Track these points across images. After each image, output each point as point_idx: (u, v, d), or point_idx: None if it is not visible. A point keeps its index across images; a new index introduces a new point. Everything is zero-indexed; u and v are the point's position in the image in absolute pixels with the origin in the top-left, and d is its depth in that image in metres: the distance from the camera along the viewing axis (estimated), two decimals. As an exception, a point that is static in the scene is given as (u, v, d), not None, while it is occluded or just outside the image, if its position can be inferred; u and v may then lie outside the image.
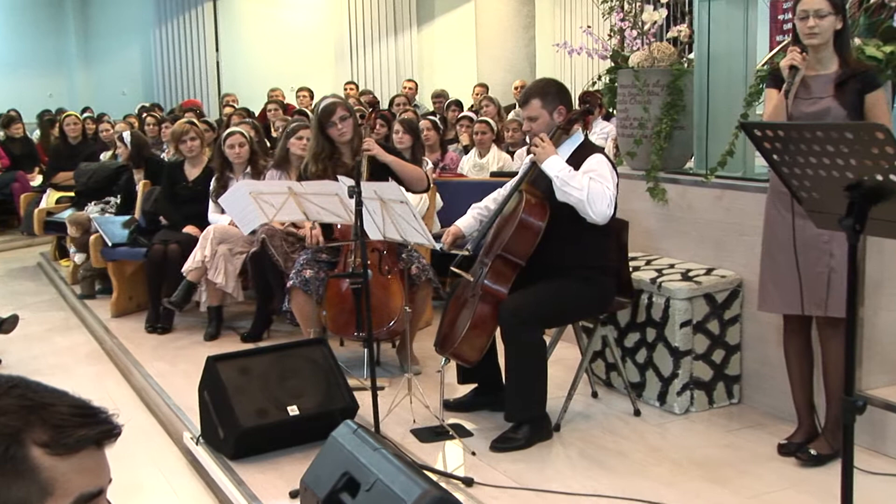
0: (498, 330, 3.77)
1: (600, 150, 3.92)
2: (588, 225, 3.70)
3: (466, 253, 3.84)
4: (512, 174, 5.50)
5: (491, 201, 4.17)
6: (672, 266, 4.39)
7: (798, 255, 3.30)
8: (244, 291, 5.73)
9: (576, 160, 3.79)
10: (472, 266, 3.94)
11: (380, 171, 4.63)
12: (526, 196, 3.75)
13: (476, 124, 7.34)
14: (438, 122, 7.58)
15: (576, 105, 3.96)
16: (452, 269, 3.91)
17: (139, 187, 6.65)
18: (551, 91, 3.87)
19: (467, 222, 4.11)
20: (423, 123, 7.24)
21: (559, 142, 3.86)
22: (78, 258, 6.95)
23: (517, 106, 9.82)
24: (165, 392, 4.58)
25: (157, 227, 6.14)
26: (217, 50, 13.83)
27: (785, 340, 3.62)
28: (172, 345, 5.54)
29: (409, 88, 11.39)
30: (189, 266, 5.47)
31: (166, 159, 6.80)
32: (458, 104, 9.47)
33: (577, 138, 3.90)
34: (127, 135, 7.04)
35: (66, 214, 7.23)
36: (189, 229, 5.87)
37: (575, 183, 3.63)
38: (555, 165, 3.70)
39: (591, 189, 3.61)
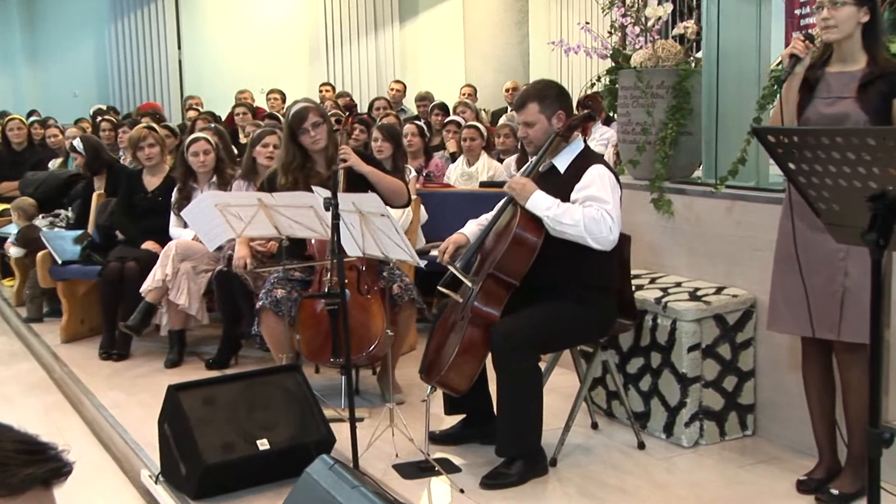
0: (489, 356, 3.76)
1: (601, 159, 3.94)
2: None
3: (456, 271, 3.83)
4: (503, 184, 5.50)
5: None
6: (679, 284, 4.40)
7: (809, 271, 3.29)
8: (209, 313, 5.72)
9: (575, 170, 3.81)
10: (461, 286, 3.93)
11: (358, 182, 4.63)
12: (520, 210, 3.76)
13: (465, 130, 7.35)
14: (424, 127, 7.60)
15: (575, 109, 3.97)
16: (440, 288, 3.91)
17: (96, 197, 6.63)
18: (550, 94, 3.89)
19: (471, 231, 4.07)
20: (407, 128, 7.26)
21: (558, 150, 3.88)
22: (14, 251, 6.86)
23: (509, 109, 9.87)
24: (121, 425, 4.55)
25: (113, 243, 6.12)
26: (179, 48, 13.83)
27: (803, 366, 3.62)
28: (129, 373, 5.51)
29: (397, 90, 11.41)
30: (148, 286, 5.46)
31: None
32: (443, 107, 9.48)
33: (576, 146, 3.92)
34: (78, 142, 7.01)
35: (11, 230, 7.19)
36: (148, 245, 5.87)
37: (567, 219, 3.65)
38: (540, 203, 3.71)
39: (587, 219, 3.63)
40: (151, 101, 12.65)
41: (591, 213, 3.64)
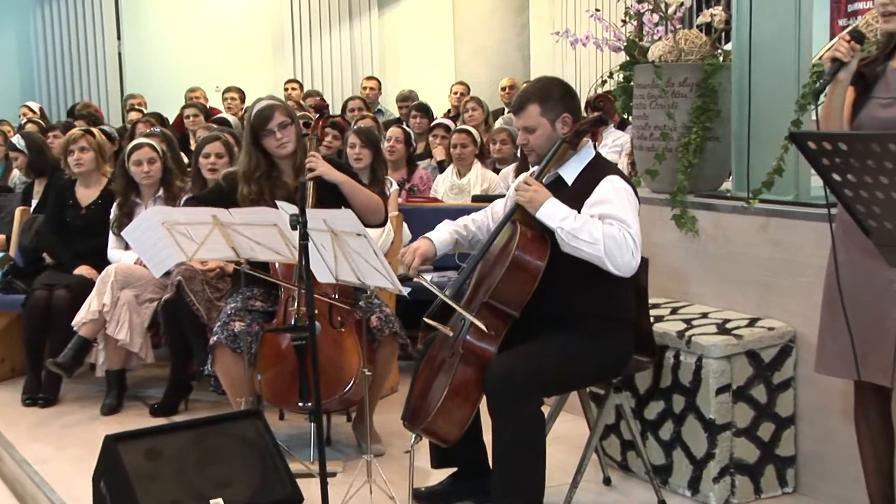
0: (483, 399, 3.76)
1: (616, 169, 3.96)
2: (597, 266, 3.71)
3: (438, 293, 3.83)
4: (500, 198, 5.52)
5: (470, 221, 4.19)
6: (705, 315, 4.41)
7: (857, 304, 3.25)
8: (154, 350, 5.71)
9: (585, 183, 3.82)
10: (450, 317, 3.93)
11: (330, 195, 4.65)
12: (521, 228, 3.76)
13: (455, 135, 7.37)
14: (412, 132, 7.61)
15: (583, 112, 4.00)
16: (426, 320, 3.90)
17: (31, 206, 6.62)
18: (554, 94, 3.90)
19: (441, 237, 4.10)
20: (391, 132, 7.27)
21: (564, 159, 3.89)
22: None
23: (506, 111, 9.90)
24: (48, 483, 4.53)
25: (40, 268, 6.12)
26: (119, 38, 13.83)
27: (856, 413, 3.56)
28: (58, 421, 5.50)
29: (371, 89, 11.44)
30: (82, 318, 5.45)
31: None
32: (423, 109, 9.49)
33: (586, 154, 3.93)
34: (19, 139, 7.01)
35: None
36: (82, 270, 5.86)
37: (585, 235, 3.64)
38: (554, 214, 3.70)
39: (608, 239, 3.62)
40: (86, 101, 12.61)
41: (613, 232, 3.63)
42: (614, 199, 3.73)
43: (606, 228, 3.64)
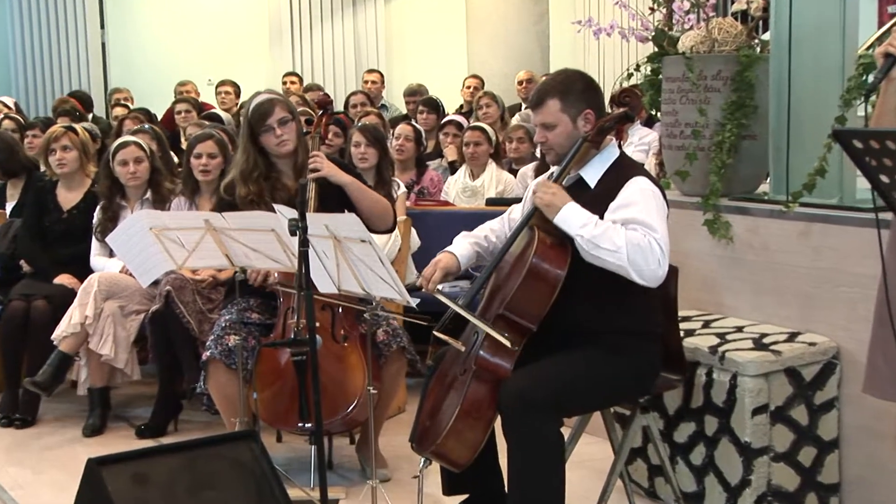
0: (498, 420, 3.76)
1: (643, 170, 3.96)
2: (622, 276, 3.70)
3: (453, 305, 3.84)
4: (516, 201, 5.52)
5: (489, 230, 4.20)
6: (740, 329, 4.42)
7: None
8: (141, 366, 5.72)
9: (609, 184, 3.81)
10: (462, 331, 3.92)
11: (333, 199, 4.67)
12: (539, 234, 3.76)
13: (467, 133, 7.37)
14: (422, 130, 7.61)
15: (608, 108, 3.98)
16: (436, 333, 3.90)
17: (7, 210, 6.63)
18: (575, 88, 3.91)
19: (464, 250, 4.10)
20: (400, 129, 7.27)
21: (586, 158, 3.89)
22: None
23: (523, 107, 9.90)
24: (26, 510, 4.55)
25: (17, 276, 6.13)
26: (103, 27, 13.87)
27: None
28: (37, 443, 5.52)
29: (373, 83, 11.46)
30: (62, 331, 5.46)
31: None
32: (433, 105, 9.47)
33: (610, 154, 3.94)
34: None
35: None
36: (62, 279, 5.88)
37: (606, 243, 3.62)
38: (573, 219, 3.70)
39: (631, 247, 3.60)
40: (76, 90, 12.58)
41: (637, 238, 3.62)
42: (640, 202, 3.72)
43: (630, 235, 3.62)
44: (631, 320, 3.85)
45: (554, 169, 4.00)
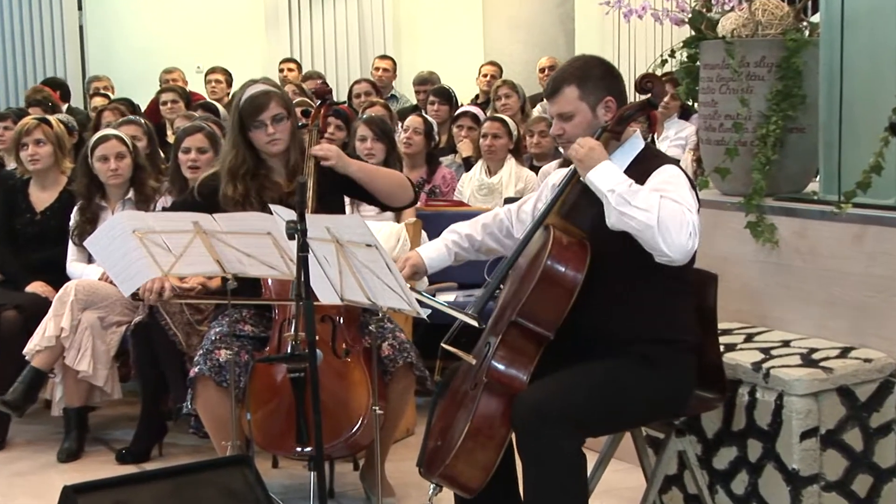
0: (511, 437, 3.75)
1: (671, 159, 3.97)
2: (651, 278, 3.74)
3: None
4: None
5: (479, 226, 4.22)
6: (787, 343, 4.42)
7: None
8: (122, 384, 5.71)
9: (635, 177, 3.76)
10: (475, 343, 3.94)
11: (335, 197, 4.73)
12: (555, 233, 3.77)
13: (486, 124, 7.37)
14: (434, 123, 7.62)
15: (631, 96, 3.99)
16: (444, 346, 3.90)
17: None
18: (594, 74, 3.93)
19: (433, 252, 4.15)
20: (410, 121, 7.28)
21: (607, 151, 3.83)
22: None
23: (545, 98, 9.89)
24: (-3, 543, 4.56)
25: (-14, 284, 6.11)
26: (80, 8, 13.85)
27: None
28: (7, 469, 5.52)
29: (384, 70, 11.45)
30: (35, 345, 5.46)
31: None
32: (445, 94, 9.43)
33: (633, 146, 3.95)
34: None
35: None
36: (35, 287, 5.89)
37: (638, 202, 3.61)
38: (607, 177, 3.69)
39: (665, 211, 3.59)
40: (40, 84, 12.62)
41: (672, 207, 3.60)
42: (672, 187, 3.70)
43: (665, 202, 3.60)
44: (662, 327, 3.85)
45: (566, 170, 4.00)
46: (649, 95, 3.93)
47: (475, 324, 3.80)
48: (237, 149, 4.78)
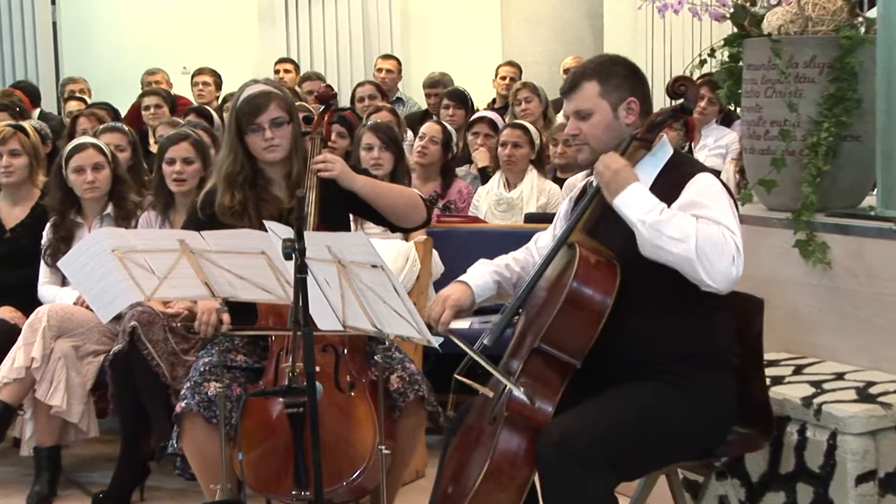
0: (535, 476, 3.75)
1: (703, 166, 3.98)
2: (687, 297, 3.76)
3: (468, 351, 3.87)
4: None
5: (511, 259, 4.23)
6: (840, 377, 4.44)
7: None
8: (99, 420, 5.72)
9: (665, 189, 3.82)
10: (491, 374, 3.93)
11: (338, 213, 4.76)
12: (581, 252, 3.78)
13: (506, 131, 7.36)
14: (453, 132, 7.61)
15: (662, 101, 4.04)
16: (457, 377, 3.91)
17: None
18: (617, 71, 3.97)
19: (480, 279, 4.14)
20: (426, 128, 7.28)
21: (634, 161, 3.88)
22: None
23: (561, 94, 9.85)
24: None
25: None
26: (54, 3, 13.90)
27: None
28: (-27, 514, 5.54)
29: (388, 71, 11.46)
30: (3, 377, 5.47)
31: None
32: (460, 98, 9.41)
33: (662, 153, 3.97)
34: None
35: None
36: (4, 312, 5.91)
37: (672, 231, 3.62)
38: (636, 204, 3.71)
39: (703, 237, 3.60)
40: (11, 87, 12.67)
41: (710, 230, 3.62)
42: (709, 201, 3.74)
43: (702, 225, 3.62)
44: (697, 346, 3.86)
45: (585, 180, 4.04)
46: (682, 100, 3.94)
47: (511, 385, 3.77)
48: (234, 154, 4.78)
